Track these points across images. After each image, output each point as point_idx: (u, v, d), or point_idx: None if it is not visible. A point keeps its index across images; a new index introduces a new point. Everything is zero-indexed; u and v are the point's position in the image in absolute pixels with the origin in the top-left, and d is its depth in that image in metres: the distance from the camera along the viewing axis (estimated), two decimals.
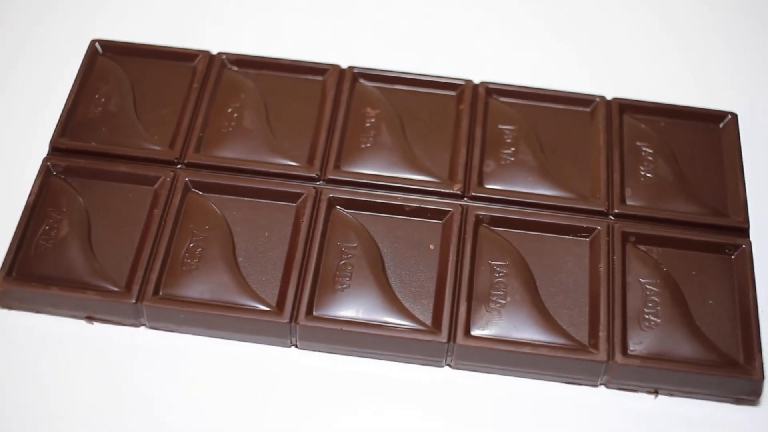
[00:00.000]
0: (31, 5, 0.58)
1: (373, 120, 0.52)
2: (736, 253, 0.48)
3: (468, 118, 0.52)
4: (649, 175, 0.50)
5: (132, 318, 0.46)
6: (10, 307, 0.47)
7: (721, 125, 0.52)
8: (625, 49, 0.58)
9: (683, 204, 0.50)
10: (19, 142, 0.52)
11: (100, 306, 0.46)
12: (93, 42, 0.53)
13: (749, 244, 0.48)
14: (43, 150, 0.50)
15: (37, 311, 0.47)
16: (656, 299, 0.47)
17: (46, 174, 0.49)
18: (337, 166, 0.50)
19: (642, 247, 0.48)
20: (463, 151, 0.50)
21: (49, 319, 0.47)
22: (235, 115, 0.51)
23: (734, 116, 0.52)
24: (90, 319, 0.47)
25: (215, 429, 0.44)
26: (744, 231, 0.49)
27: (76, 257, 0.47)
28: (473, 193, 0.49)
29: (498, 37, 0.58)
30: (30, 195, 0.48)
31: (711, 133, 0.52)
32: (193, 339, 0.47)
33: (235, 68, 0.53)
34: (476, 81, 0.53)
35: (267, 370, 0.46)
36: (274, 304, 0.46)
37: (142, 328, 0.47)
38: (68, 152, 0.50)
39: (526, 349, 0.45)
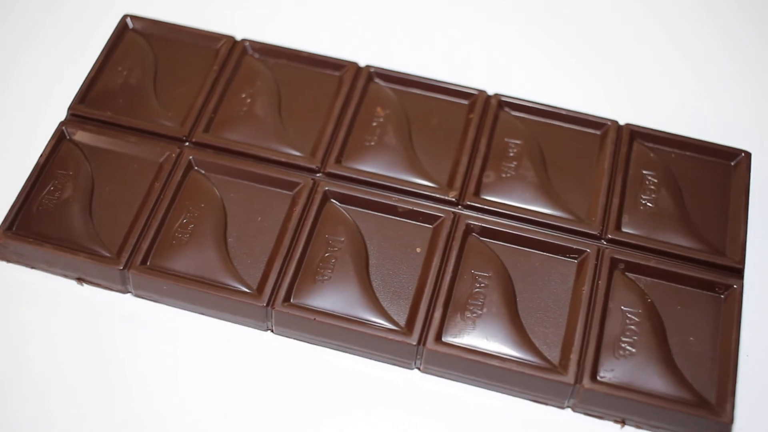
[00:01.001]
0: None
1: (381, 120, 0.52)
2: (726, 293, 0.47)
3: (475, 128, 0.52)
4: (649, 204, 0.50)
5: (119, 284, 0.48)
6: (8, 260, 0.49)
7: (733, 163, 0.52)
8: (647, 77, 0.57)
9: (680, 237, 0.49)
10: (41, 105, 0.54)
11: (90, 269, 0.48)
12: (125, 16, 0.55)
13: (741, 285, 0.47)
14: (62, 114, 0.52)
15: (32, 267, 0.49)
16: (635, 329, 0.46)
17: (59, 137, 0.51)
18: (338, 161, 0.51)
19: (630, 275, 0.48)
20: (464, 160, 0.51)
21: (42, 276, 0.49)
22: (249, 100, 0.52)
23: (747, 155, 0.51)
24: (80, 280, 0.48)
25: (179, 400, 0.45)
26: (738, 272, 0.48)
27: (74, 219, 0.48)
28: (468, 202, 0.49)
29: (522, 52, 0.58)
30: (41, 156, 0.50)
31: (721, 170, 0.51)
32: (175, 312, 0.48)
33: (256, 55, 0.54)
34: (491, 92, 0.53)
35: (240, 351, 0.47)
36: (254, 287, 0.47)
37: (128, 295, 0.48)
38: (84, 119, 0.52)
39: (494, 362, 0.45)
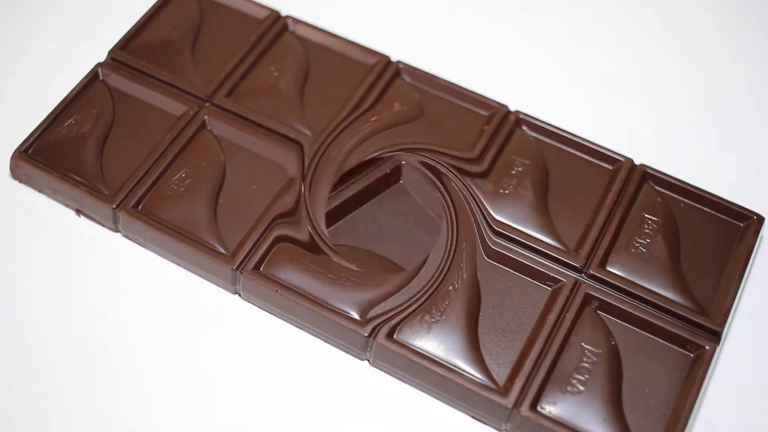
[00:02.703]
0: None
1: (393, 113, 0.52)
2: (696, 353, 0.46)
3: (486, 139, 0.52)
4: (642, 248, 0.48)
5: (111, 222, 0.50)
6: (20, 180, 0.52)
7: (743, 224, 0.49)
8: (678, 125, 0.55)
9: (663, 287, 0.47)
10: (86, 44, 0.57)
11: (88, 202, 0.50)
12: None
13: (714, 348, 0.45)
14: (103, 56, 0.55)
15: (40, 191, 0.52)
16: (590, 368, 0.45)
17: (93, 77, 0.54)
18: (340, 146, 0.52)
19: (602, 314, 0.47)
20: None
21: (46, 201, 0.51)
22: (276, 74, 0.54)
23: (760, 219, 0.49)
24: (79, 212, 0.51)
25: (141, 339, 0.47)
26: (716, 334, 0.46)
27: (85, 155, 0.51)
28: None
29: (558, 77, 0.57)
30: (72, 90, 0.53)
31: (729, 229, 0.49)
32: (156, 258, 0.50)
33: (295, 33, 0.56)
34: (513, 109, 0.53)
35: (206, 308, 0.48)
36: (231, 250, 0.48)
37: (118, 235, 0.50)
38: (121, 64, 0.54)
39: (438, 369, 0.45)
